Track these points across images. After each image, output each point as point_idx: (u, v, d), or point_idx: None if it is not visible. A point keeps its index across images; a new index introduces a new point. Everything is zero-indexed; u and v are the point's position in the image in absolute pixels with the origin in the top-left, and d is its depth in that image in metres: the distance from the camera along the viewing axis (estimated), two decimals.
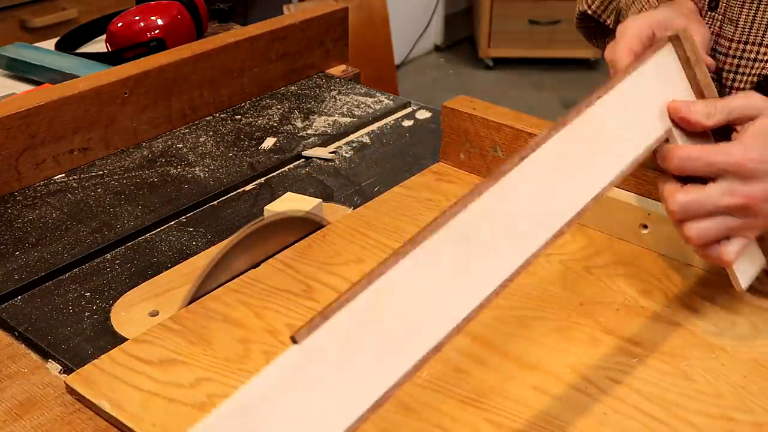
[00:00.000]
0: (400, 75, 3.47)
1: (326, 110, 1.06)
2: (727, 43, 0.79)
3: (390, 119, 1.05)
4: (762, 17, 0.77)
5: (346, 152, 0.96)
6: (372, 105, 1.07)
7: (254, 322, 0.65)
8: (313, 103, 1.08)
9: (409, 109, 1.08)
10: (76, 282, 0.72)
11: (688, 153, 0.60)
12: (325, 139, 0.98)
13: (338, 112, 1.05)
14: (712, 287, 0.68)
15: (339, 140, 0.99)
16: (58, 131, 0.88)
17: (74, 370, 0.60)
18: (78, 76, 0.98)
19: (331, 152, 0.95)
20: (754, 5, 0.77)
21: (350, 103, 1.08)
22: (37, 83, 1.09)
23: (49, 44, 1.25)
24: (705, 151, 0.60)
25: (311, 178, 0.90)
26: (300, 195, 0.82)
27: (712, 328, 0.64)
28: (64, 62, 1.11)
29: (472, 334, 0.63)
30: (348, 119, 1.03)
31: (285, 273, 0.71)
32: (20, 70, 1.13)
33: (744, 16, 0.78)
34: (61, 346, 0.64)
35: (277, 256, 0.73)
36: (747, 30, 0.78)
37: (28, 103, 0.85)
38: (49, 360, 0.63)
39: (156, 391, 0.58)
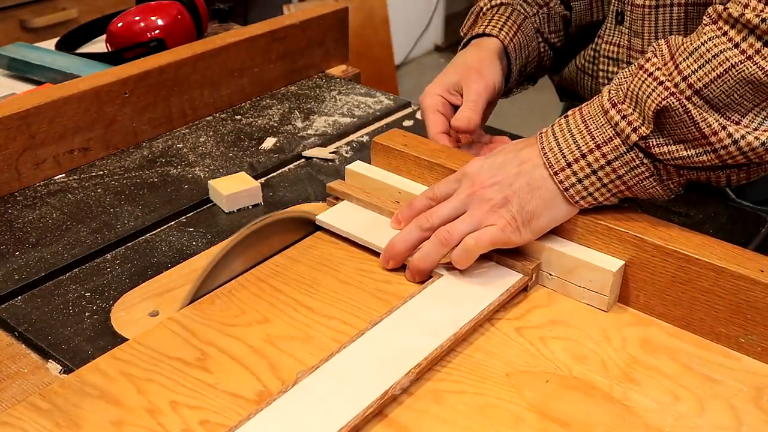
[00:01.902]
0: (400, 75, 3.47)
1: (326, 110, 1.06)
2: (637, 56, 0.82)
3: (390, 119, 1.05)
4: (663, 26, 0.80)
5: (346, 152, 0.96)
6: (372, 105, 1.07)
7: (134, 399, 0.57)
8: (313, 103, 1.08)
9: (409, 109, 1.08)
10: (76, 282, 0.72)
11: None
12: (325, 139, 0.98)
13: (338, 112, 1.05)
14: (657, 352, 0.63)
15: (339, 140, 0.99)
16: (58, 131, 0.88)
17: (74, 370, 0.60)
18: (78, 76, 0.97)
19: (331, 152, 0.95)
20: (653, 16, 0.81)
21: (350, 103, 1.08)
22: (38, 83, 1.09)
23: (49, 44, 1.25)
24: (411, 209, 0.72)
25: (311, 178, 0.90)
26: (248, 176, 0.86)
27: (653, 405, 0.57)
28: (64, 62, 1.11)
29: (377, 412, 0.56)
30: (348, 119, 1.03)
31: (179, 336, 0.63)
32: (20, 70, 1.13)
33: (647, 28, 0.82)
34: (61, 347, 0.64)
35: (174, 315, 0.65)
36: (652, 39, 0.81)
37: (28, 103, 0.85)
38: (50, 360, 0.63)
39: None
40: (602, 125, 0.65)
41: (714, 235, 0.78)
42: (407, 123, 1.04)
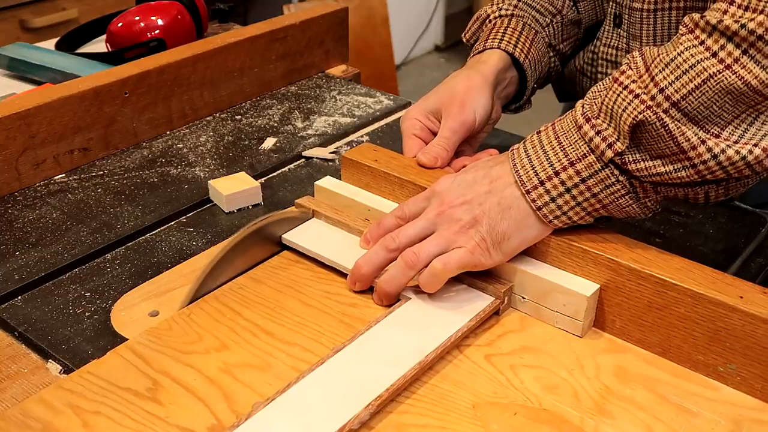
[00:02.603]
0: (400, 75, 3.47)
1: (326, 110, 1.06)
2: None
3: (390, 119, 1.05)
4: (661, 31, 0.79)
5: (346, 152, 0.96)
6: (372, 105, 1.07)
7: None
8: (313, 103, 1.08)
9: None
10: (76, 282, 0.72)
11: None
12: (325, 139, 0.98)
13: (338, 112, 1.05)
14: (632, 381, 0.60)
15: (339, 140, 0.99)
16: (58, 131, 0.88)
17: (74, 370, 0.60)
18: (78, 76, 0.97)
19: (331, 152, 0.95)
20: (651, 20, 0.79)
21: (350, 103, 1.08)
22: (38, 83, 1.09)
23: (49, 44, 1.25)
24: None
25: (311, 178, 0.90)
26: (248, 176, 0.86)
27: None
28: (65, 62, 1.11)
29: None
30: (348, 119, 1.03)
31: (131, 364, 0.60)
32: (21, 70, 1.13)
33: (644, 32, 0.80)
34: (61, 347, 0.64)
35: (128, 342, 0.62)
36: (650, 43, 0.80)
37: (28, 103, 0.85)
38: (50, 360, 0.63)
39: None
40: (576, 141, 0.62)
41: (714, 235, 0.78)
42: None
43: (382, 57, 2.85)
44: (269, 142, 0.97)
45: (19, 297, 0.70)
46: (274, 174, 0.91)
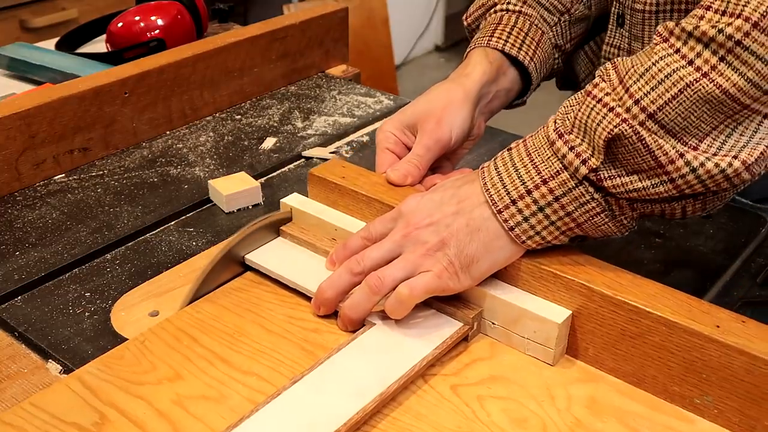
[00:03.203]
0: (400, 75, 3.47)
1: (326, 110, 1.06)
2: None
3: None
4: None
5: (347, 152, 0.96)
6: (372, 105, 1.07)
7: None
8: (313, 103, 1.08)
9: None
10: (76, 282, 0.72)
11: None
12: (325, 139, 0.98)
13: (338, 112, 1.05)
14: (604, 413, 0.57)
15: (339, 140, 0.99)
16: (58, 131, 0.88)
17: (74, 370, 0.60)
18: (78, 76, 0.97)
19: (331, 152, 0.95)
20: (652, 21, 0.77)
21: (350, 103, 1.08)
22: (38, 83, 1.09)
23: (49, 44, 1.25)
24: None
25: None
26: (248, 176, 0.85)
27: None
28: (64, 62, 1.11)
29: None
30: (348, 119, 1.03)
31: (78, 396, 0.57)
32: (21, 70, 1.13)
33: (647, 32, 0.78)
34: (61, 347, 0.64)
35: (77, 371, 0.59)
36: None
37: (28, 103, 0.85)
38: (50, 360, 0.63)
39: None
40: (548, 158, 0.60)
41: (714, 235, 0.78)
42: None
43: (382, 57, 2.85)
44: (269, 142, 0.97)
45: (19, 297, 0.70)
46: (274, 174, 0.91)
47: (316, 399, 0.56)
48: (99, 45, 1.29)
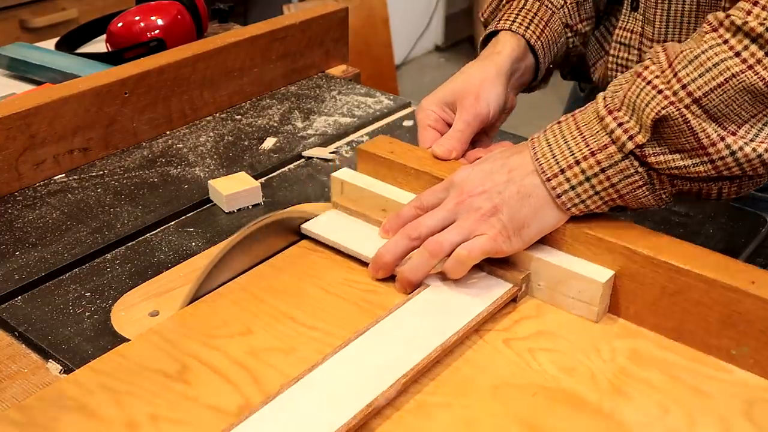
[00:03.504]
0: (400, 75, 3.47)
1: (326, 110, 1.06)
2: (648, 43, 0.81)
3: (390, 119, 1.05)
4: (675, 15, 0.80)
5: (347, 152, 0.96)
6: (372, 105, 1.07)
7: (112, 413, 0.55)
8: (313, 103, 1.08)
9: (409, 109, 1.08)
10: (76, 282, 0.72)
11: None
12: (326, 139, 0.98)
13: (338, 112, 1.05)
14: (647, 364, 0.61)
15: (339, 140, 0.99)
16: (58, 131, 0.88)
17: (74, 370, 0.60)
18: (78, 76, 0.98)
19: (331, 152, 0.95)
20: (665, 4, 0.80)
21: (350, 103, 1.08)
22: (38, 83, 1.09)
23: (49, 44, 1.25)
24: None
25: (311, 178, 0.90)
26: (248, 176, 0.86)
27: (642, 418, 0.56)
28: (64, 62, 1.11)
29: (360, 425, 0.54)
30: (348, 119, 1.03)
31: (159, 348, 0.61)
32: (21, 70, 1.13)
33: (659, 16, 0.81)
34: (61, 347, 0.64)
35: (154, 327, 0.64)
36: (663, 29, 0.81)
37: (28, 103, 0.85)
38: (50, 360, 0.63)
39: None
40: (597, 132, 0.64)
41: (714, 235, 0.78)
42: (407, 123, 1.04)
43: (382, 57, 2.85)
44: (269, 142, 0.97)
45: (19, 297, 0.70)
46: (274, 174, 0.91)
47: (381, 349, 0.60)
48: (99, 45, 1.29)
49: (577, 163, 0.64)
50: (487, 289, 0.67)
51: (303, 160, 0.95)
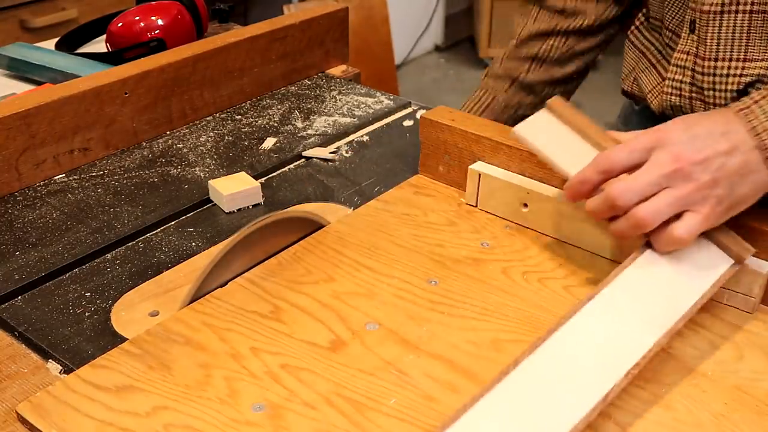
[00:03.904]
0: (400, 75, 3.47)
1: (326, 110, 1.06)
2: (701, 62, 0.81)
3: (390, 119, 1.05)
4: (726, 33, 0.79)
5: (346, 152, 0.96)
6: (372, 105, 1.07)
7: (217, 346, 0.62)
8: (313, 103, 1.08)
9: (409, 109, 1.08)
10: (76, 282, 0.72)
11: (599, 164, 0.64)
12: (326, 139, 0.98)
13: (338, 112, 1.05)
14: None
15: (339, 140, 0.99)
16: (59, 131, 0.88)
17: (74, 370, 0.60)
18: (78, 76, 0.97)
19: (331, 152, 0.95)
20: (716, 21, 0.79)
21: (350, 103, 1.08)
22: (38, 83, 1.09)
23: (49, 44, 1.25)
24: (622, 149, 0.63)
25: (311, 178, 0.90)
26: (248, 176, 0.87)
27: (694, 351, 0.61)
28: (65, 62, 1.11)
29: (443, 358, 0.61)
30: (348, 119, 1.03)
31: (252, 292, 0.68)
32: (21, 70, 1.13)
33: (710, 35, 0.80)
34: (61, 347, 0.64)
35: (245, 274, 0.70)
36: (714, 47, 0.80)
37: (28, 103, 0.85)
38: (50, 360, 0.63)
39: (110, 420, 0.55)
40: None
41: None
42: (407, 123, 1.04)
43: (382, 57, 2.85)
44: (269, 142, 0.97)
45: (19, 297, 0.70)
46: (274, 174, 0.91)
47: (607, 329, 0.58)
48: (99, 45, 1.29)
49: None
50: (709, 263, 0.63)
51: (303, 160, 0.95)
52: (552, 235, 0.76)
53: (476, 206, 0.81)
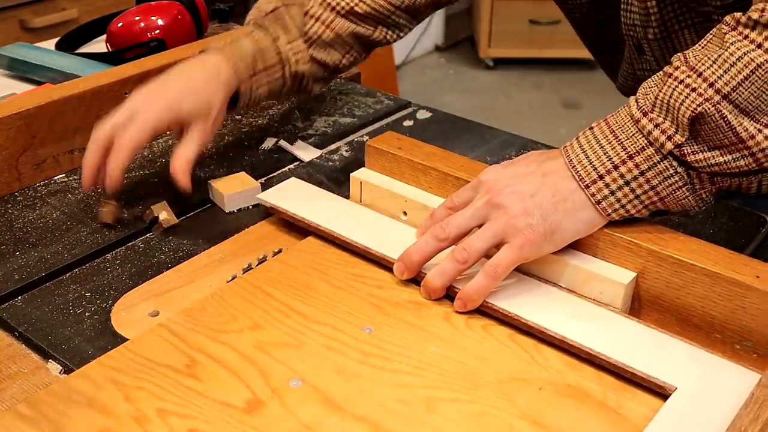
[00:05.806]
0: (400, 75, 3.47)
1: (326, 110, 1.06)
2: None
3: (390, 119, 1.05)
4: (681, 48, 0.81)
5: (346, 152, 0.96)
6: (372, 105, 1.07)
7: (121, 407, 0.56)
8: (313, 103, 1.08)
9: (409, 110, 1.08)
10: (76, 282, 0.72)
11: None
12: (326, 139, 0.98)
13: (338, 112, 1.05)
14: None
15: (339, 140, 0.99)
16: (59, 131, 0.88)
17: (74, 370, 0.60)
18: (78, 76, 0.97)
19: (331, 152, 0.95)
20: (668, 43, 0.80)
21: (350, 103, 1.08)
22: (38, 83, 1.09)
23: (49, 44, 1.25)
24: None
25: (311, 178, 0.90)
26: (248, 176, 0.86)
27: (648, 412, 0.56)
28: (65, 62, 1.11)
29: (368, 420, 0.55)
30: (348, 119, 1.03)
31: (169, 343, 0.62)
32: (21, 70, 1.13)
33: (666, 54, 0.82)
34: (61, 347, 0.64)
35: (164, 321, 0.64)
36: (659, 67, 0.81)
37: (28, 103, 0.85)
38: (50, 360, 0.63)
39: None
40: (633, 135, 0.63)
41: (714, 236, 0.78)
42: (407, 123, 1.04)
43: (382, 57, 2.85)
44: (269, 142, 0.97)
45: (19, 297, 0.70)
46: (274, 174, 0.91)
47: None
48: (99, 45, 1.29)
49: (615, 167, 0.64)
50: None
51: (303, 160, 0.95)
52: None
53: None
